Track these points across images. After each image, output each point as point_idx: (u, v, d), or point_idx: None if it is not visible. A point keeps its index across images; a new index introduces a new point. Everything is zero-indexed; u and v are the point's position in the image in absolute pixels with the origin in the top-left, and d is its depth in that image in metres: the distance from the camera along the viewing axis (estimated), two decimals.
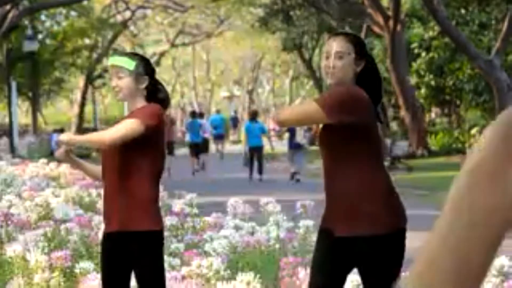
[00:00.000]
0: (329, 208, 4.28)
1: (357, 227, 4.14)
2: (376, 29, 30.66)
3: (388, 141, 26.46)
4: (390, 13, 29.30)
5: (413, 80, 31.06)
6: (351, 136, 4.20)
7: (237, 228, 8.16)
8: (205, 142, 26.24)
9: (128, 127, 4.49)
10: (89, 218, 8.30)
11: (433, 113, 37.54)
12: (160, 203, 10.50)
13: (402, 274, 5.58)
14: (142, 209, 4.55)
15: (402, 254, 4.23)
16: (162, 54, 56.52)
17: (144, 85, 4.70)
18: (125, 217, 4.53)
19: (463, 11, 30.88)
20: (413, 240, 11.22)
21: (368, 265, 4.21)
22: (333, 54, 4.29)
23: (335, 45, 4.32)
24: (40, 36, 39.76)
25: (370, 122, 4.26)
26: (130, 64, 4.69)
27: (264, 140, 22.97)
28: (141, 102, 4.68)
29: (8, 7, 29.96)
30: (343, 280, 4.34)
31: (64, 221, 8.47)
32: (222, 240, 7.46)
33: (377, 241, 4.14)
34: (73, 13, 42.36)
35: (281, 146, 28.12)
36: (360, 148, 4.21)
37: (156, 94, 4.77)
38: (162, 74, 69.00)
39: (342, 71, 4.28)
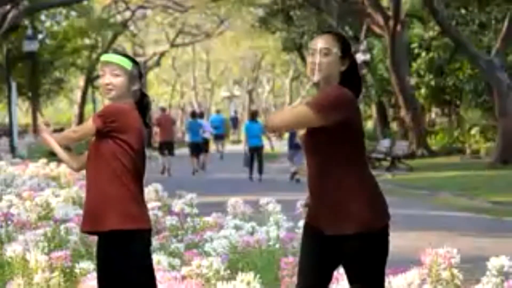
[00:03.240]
0: (316, 207, 4.30)
1: (344, 226, 4.19)
2: (376, 29, 30.65)
3: (387, 141, 26.48)
4: (390, 13, 29.30)
5: (413, 80, 31.05)
6: (339, 137, 4.19)
7: (237, 228, 8.15)
8: (205, 142, 26.23)
9: None
10: None
11: (433, 113, 37.54)
12: (160, 203, 10.46)
13: (401, 273, 5.58)
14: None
15: (387, 250, 4.31)
16: (162, 54, 56.48)
17: (135, 87, 4.65)
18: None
19: (463, 11, 30.87)
20: (414, 240, 11.15)
21: (355, 262, 4.25)
22: (318, 50, 4.26)
23: (320, 42, 4.28)
24: (40, 36, 39.74)
25: (357, 121, 4.28)
26: (127, 63, 4.63)
27: (264, 140, 22.98)
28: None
29: (8, 7, 29.94)
30: (330, 278, 4.39)
31: (64, 221, 8.47)
32: (222, 240, 7.45)
33: (363, 239, 4.19)
34: (73, 13, 42.35)
35: (281, 146, 28.12)
36: (347, 148, 4.22)
37: (142, 99, 4.72)
38: (162, 74, 69.05)
39: (328, 69, 4.25)
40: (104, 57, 4.69)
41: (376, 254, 4.27)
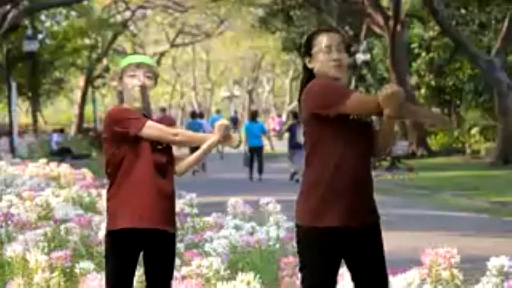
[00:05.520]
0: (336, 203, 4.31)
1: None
2: (376, 29, 30.64)
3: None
4: (390, 13, 29.30)
5: (413, 80, 31.04)
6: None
7: (237, 228, 8.15)
8: None
9: None
10: (89, 218, 8.29)
11: None
12: None
13: (401, 273, 5.58)
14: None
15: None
16: (162, 54, 56.50)
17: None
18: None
19: (463, 11, 30.87)
20: (414, 240, 11.14)
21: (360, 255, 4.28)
22: (335, 46, 4.29)
23: (334, 38, 4.31)
24: (40, 36, 39.71)
25: None
26: (156, 67, 4.76)
27: (264, 140, 22.98)
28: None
29: (8, 7, 29.93)
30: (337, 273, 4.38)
31: (64, 221, 8.47)
32: (222, 240, 7.45)
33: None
34: (73, 13, 42.32)
35: (281, 146, 28.11)
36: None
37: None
38: (162, 74, 69.04)
39: (347, 64, 4.35)
40: (139, 59, 4.71)
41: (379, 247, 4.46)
